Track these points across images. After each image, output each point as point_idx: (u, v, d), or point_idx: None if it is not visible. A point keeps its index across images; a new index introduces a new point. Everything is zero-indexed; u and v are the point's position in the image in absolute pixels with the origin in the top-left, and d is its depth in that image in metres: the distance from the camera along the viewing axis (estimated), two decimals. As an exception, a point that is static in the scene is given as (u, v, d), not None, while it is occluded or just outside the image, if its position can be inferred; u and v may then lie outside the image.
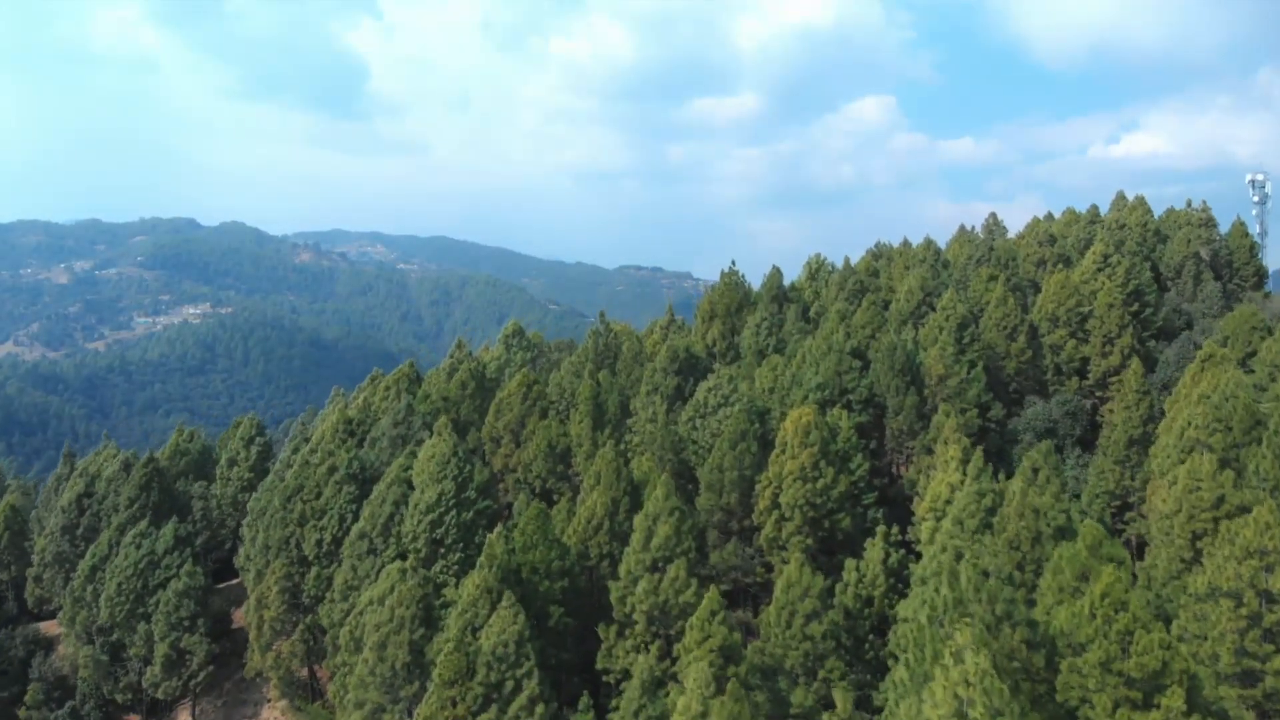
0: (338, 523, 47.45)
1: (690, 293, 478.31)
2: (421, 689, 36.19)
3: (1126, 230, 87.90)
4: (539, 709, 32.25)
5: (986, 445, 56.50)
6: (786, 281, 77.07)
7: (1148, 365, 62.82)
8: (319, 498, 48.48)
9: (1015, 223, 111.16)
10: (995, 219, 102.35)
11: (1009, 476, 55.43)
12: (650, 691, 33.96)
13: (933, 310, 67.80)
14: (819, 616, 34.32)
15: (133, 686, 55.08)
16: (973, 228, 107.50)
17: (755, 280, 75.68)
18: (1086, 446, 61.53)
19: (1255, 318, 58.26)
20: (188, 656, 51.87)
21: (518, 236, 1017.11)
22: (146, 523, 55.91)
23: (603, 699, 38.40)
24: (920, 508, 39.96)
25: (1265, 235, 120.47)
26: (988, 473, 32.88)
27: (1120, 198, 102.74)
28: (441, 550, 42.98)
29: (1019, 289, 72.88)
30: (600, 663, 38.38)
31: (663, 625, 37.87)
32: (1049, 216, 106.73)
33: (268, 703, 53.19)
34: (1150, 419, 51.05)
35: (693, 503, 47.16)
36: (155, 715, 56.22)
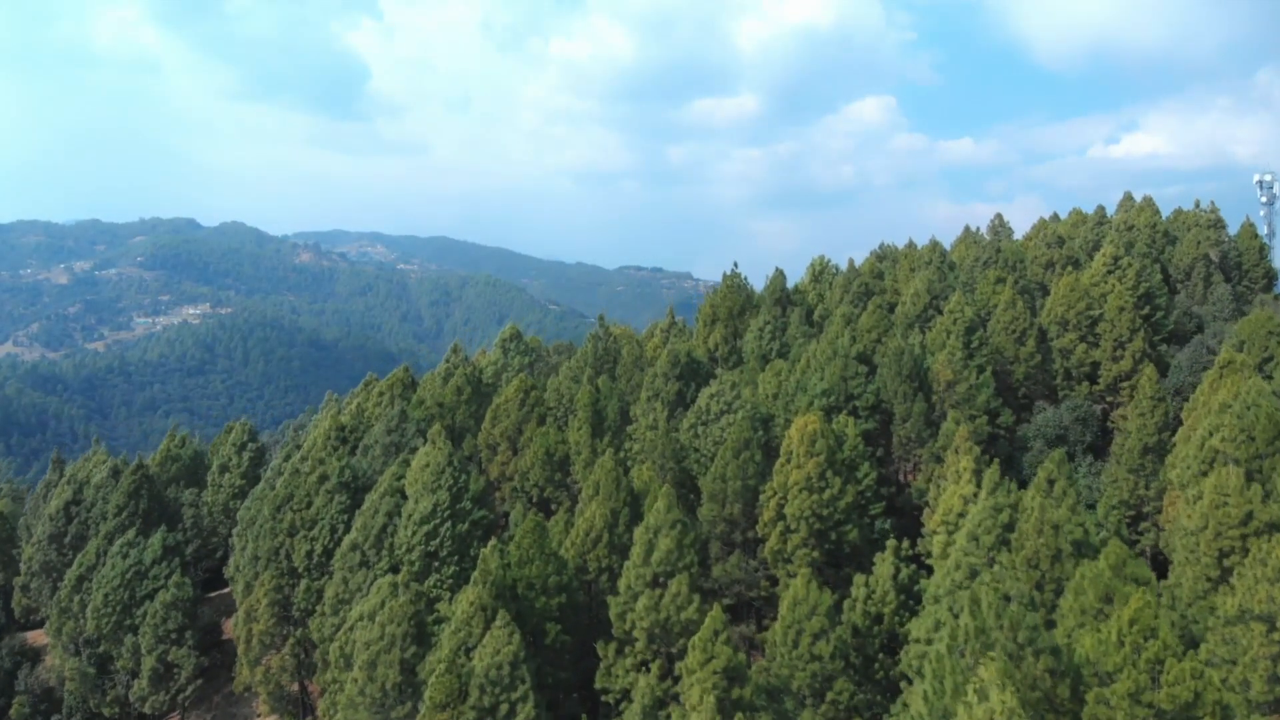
0: (329, 533, 46.02)
1: (690, 293, 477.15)
2: (414, 710, 34.80)
3: (1135, 231, 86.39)
4: (535, 733, 30.91)
5: (995, 452, 55.16)
6: (789, 284, 75.77)
7: (1159, 369, 61.41)
8: (309, 507, 47.04)
9: (1016, 223, 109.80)
10: (1001, 220, 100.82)
11: (1020, 485, 54.22)
12: (651, 713, 32.62)
13: (939, 313, 66.34)
14: (827, 635, 32.92)
15: (120, 700, 53.70)
16: (978, 229, 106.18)
17: (757, 281, 74.43)
18: (1097, 453, 60.17)
19: (1271, 322, 56.75)
20: (175, 670, 50.54)
21: (518, 237, 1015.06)
22: (134, 532, 54.54)
23: (601, 719, 37.06)
24: (932, 520, 38.54)
25: (1273, 236, 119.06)
26: (1004, 487, 31.47)
27: (1127, 198, 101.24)
28: (435, 563, 41.56)
29: (1027, 291, 71.46)
30: (599, 682, 36.96)
31: (664, 643, 36.46)
32: (1055, 217, 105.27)
33: (258, 717, 51.83)
34: (1165, 426, 49.68)
35: (694, 513, 45.73)
36: (143, 729, 54.91)
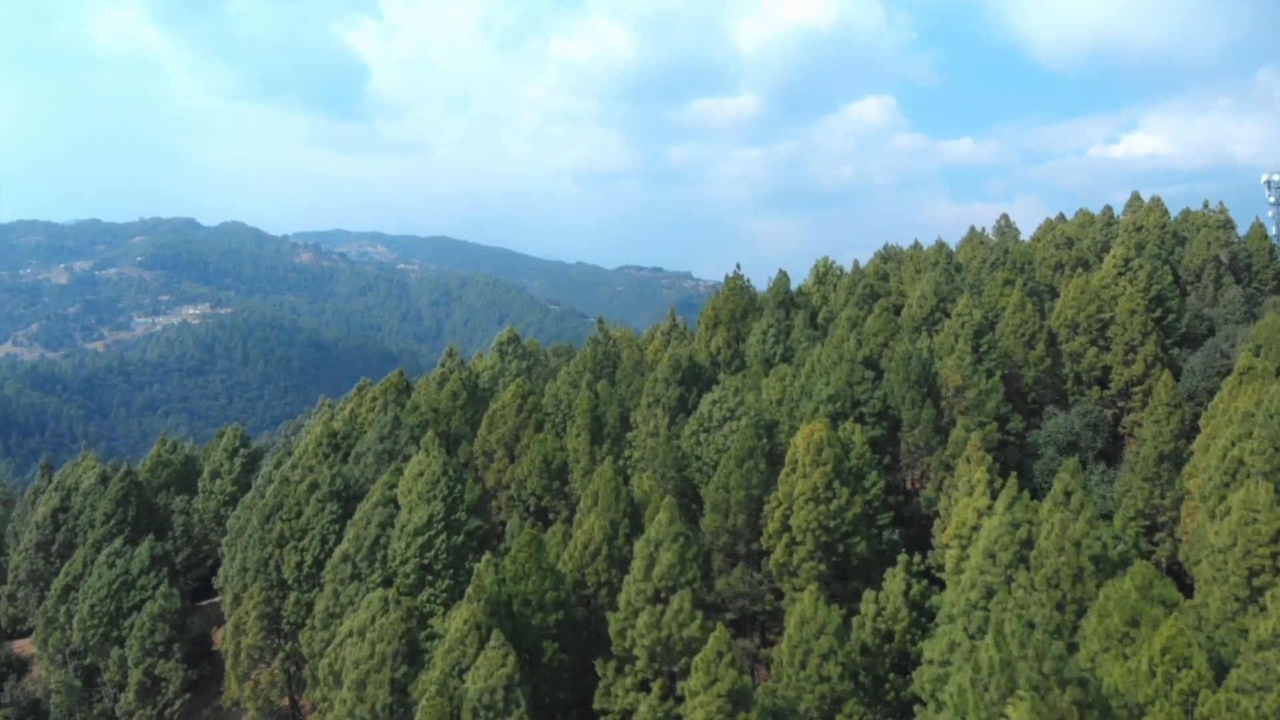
0: (319, 544, 44.62)
1: (690, 293, 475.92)
2: (404, 731, 33.47)
3: (1144, 232, 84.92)
4: (530, 759, 29.53)
5: (1005, 459, 53.71)
6: (792, 285, 74.32)
7: (1172, 374, 60.02)
8: (299, 517, 45.64)
9: (1017, 223, 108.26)
10: (1007, 220, 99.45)
11: (1031, 492, 52.76)
12: (652, 736, 31.27)
13: (946, 316, 64.91)
14: (836, 655, 31.53)
15: (107, 713, 52.25)
16: (983, 229, 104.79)
17: (758, 282, 72.97)
18: (1109, 459, 58.79)
19: (1287, 325, 55.25)
20: (163, 683, 49.15)
21: (518, 237, 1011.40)
22: (122, 540, 53.11)
23: (600, 740, 35.66)
24: (944, 534, 37.13)
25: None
26: (1022, 502, 30.09)
27: (1135, 199, 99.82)
28: (430, 577, 40.16)
29: (1035, 293, 70.03)
30: (598, 702, 35.58)
31: (666, 661, 35.06)
32: (1061, 217, 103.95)
33: (247, 732, 50.41)
34: (1181, 433, 48.28)
35: (696, 524, 44.35)
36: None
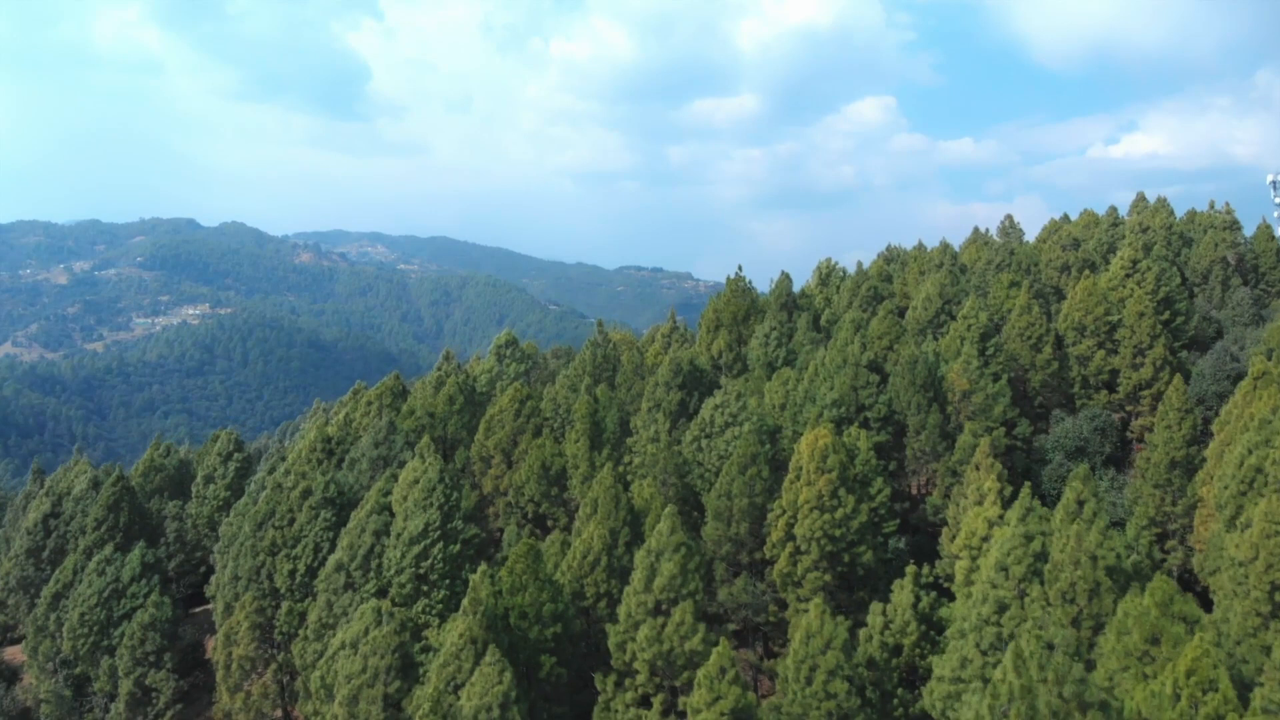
0: (312, 553, 43.61)
1: (690, 293, 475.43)
2: (398, 748, 32.51)
3: (1151, 233, 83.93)
4: (527, 779, 28.56)
5: (1012, 464, 52.74)
6: (794, 286, 73.31)
7: (1183, 378, 59.04)
8: (292, 524, 44.64)
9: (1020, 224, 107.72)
10: (1011, 221, 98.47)
11: (1041, 500, 51.69)
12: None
13: (952, 318, 63.94)
14: (842, 671, 30.53)
15: (97, 723, 51.36)
16: (986, 230, 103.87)
17: (758, 282, 71.98)
18: (1117, 465, 57.84)
19: (1300, 328, 54.36)
20: (154, 694, 48.11)
21: (518, 237, 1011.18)
22: (112, 547, 52.09)
23: (600, 757, 34.67)
24: (954, 544, 36.09)
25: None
26: (1036, 513, 29.10)
27: (1140, 199, 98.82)
28: (425, 587, 39.16)
29: (1041, 295, 69.04)
30: (597, 717, 34.58)
31: (667, 676, 34.10)
32: (1065, 218, 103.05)
33: (240, 744, 49.38)
34: (1193, 439, 47.29)
35: (698, 532, 43.36)
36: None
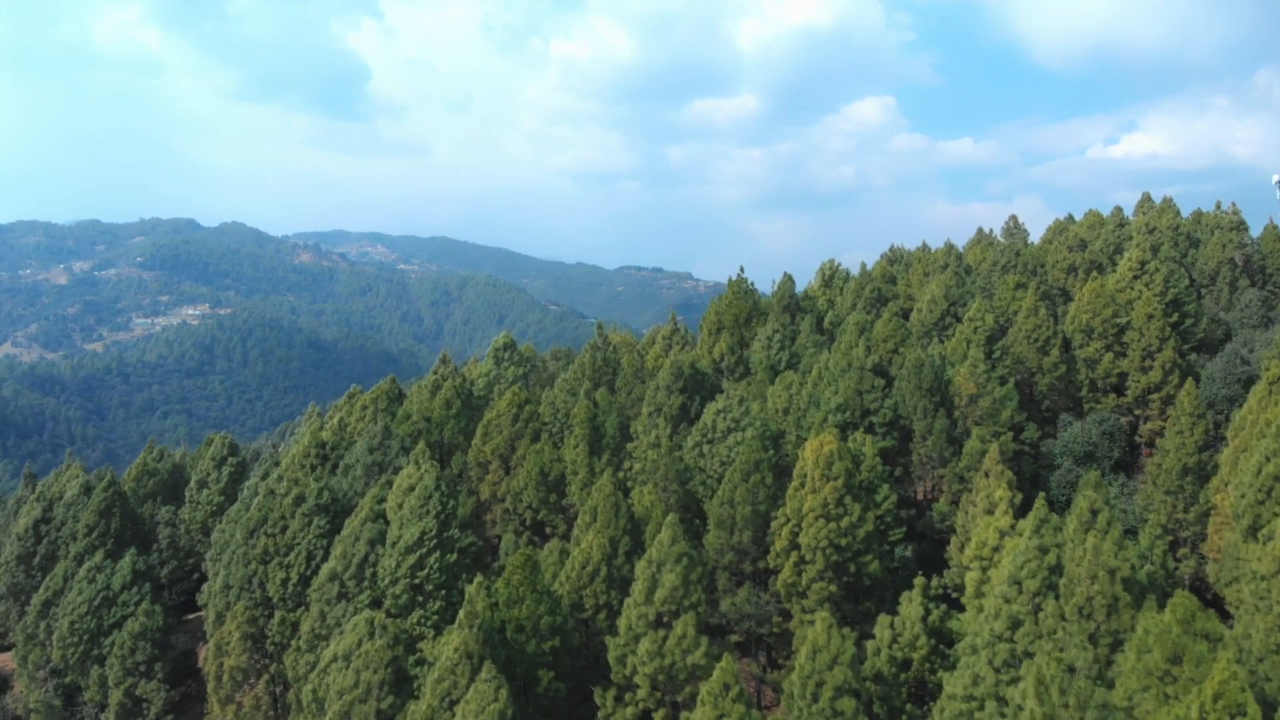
0: (305, 561, 42.63)
1: (690, 293, 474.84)
2: (391, 765, 31.52)
3: (1158, 234, 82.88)
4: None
5: (1020, 469, 51.75)
6: (794, 286, 72.20)
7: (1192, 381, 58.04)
8: (285, 532, 43.68)
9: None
10: (1016, 221, 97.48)
11: (1049, 506, 50.59)
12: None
13: (957, 321, 62.95)
14: (850, 689, 29.54)
15: (88, 733, 50.42)
16: (990, 230, 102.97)
17: (759, 282, 70.98)
18: (1125, 469, 56.84)
19: (1314, 331, 53.28)
20: (144, 704, 47.18)
21: (518, 237, 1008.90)
22: (102, 554, 51.12)
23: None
24: (964, 554, 35.09)
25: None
26: (1050, 524, 28.10)
27: (1146, 200, 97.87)
28: (421, 597, 38.18)
29: (1047, 297, 68.05)
30: (596, 733, 33.67)
31: (669, 690, 33.14)
32: (1070, 218, 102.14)
33: (232, 755, 48.36)
34: (1205, 445, 46.28)
35: (700, 540, 42.37)
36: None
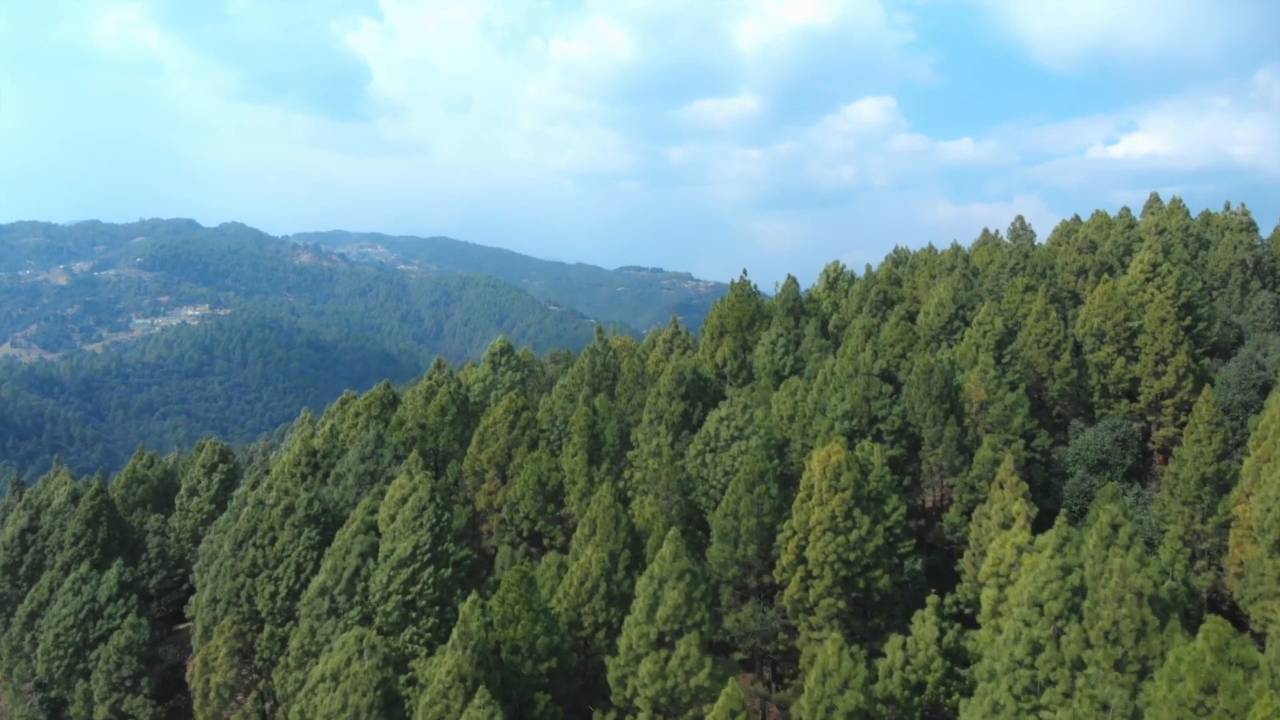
0: (294, 574, 41.23)
1: (690, 294, 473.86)
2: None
3: (1168, 235, 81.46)
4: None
5: (1031, 478, 50.33)
6: (798, 290, 70.73)
7: (1205, 386, 56.62)
8: (274, 544, 42.29)
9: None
10: (1022, 222, 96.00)
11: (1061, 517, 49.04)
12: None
13: (966, 324, 61.52)
14: (862, 713, 28.14)
15: (73, 749, 48.97)
16: (996, 231, 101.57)
17: (759, 282, 69.54)
18: (1136, 476, 55.40)
19: (1332, 335, 51.83)
20: (130, 720, 45.87)
21: (518, 237, 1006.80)
22: (88, 565, 49.69)
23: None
24: (980, 571, 33.67)
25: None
26: (1073, 543, 26.69)
27: (1154, 200, 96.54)
28: (413, 614, 36.77)
29: (1057, 300, 66.62)
30: (595, 758, 32.30)
31: (671, 713, 31.73)
32: (1076, 219, 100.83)
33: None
34: (1224, 453, 44.89)
35: (702, 553, 40.96)
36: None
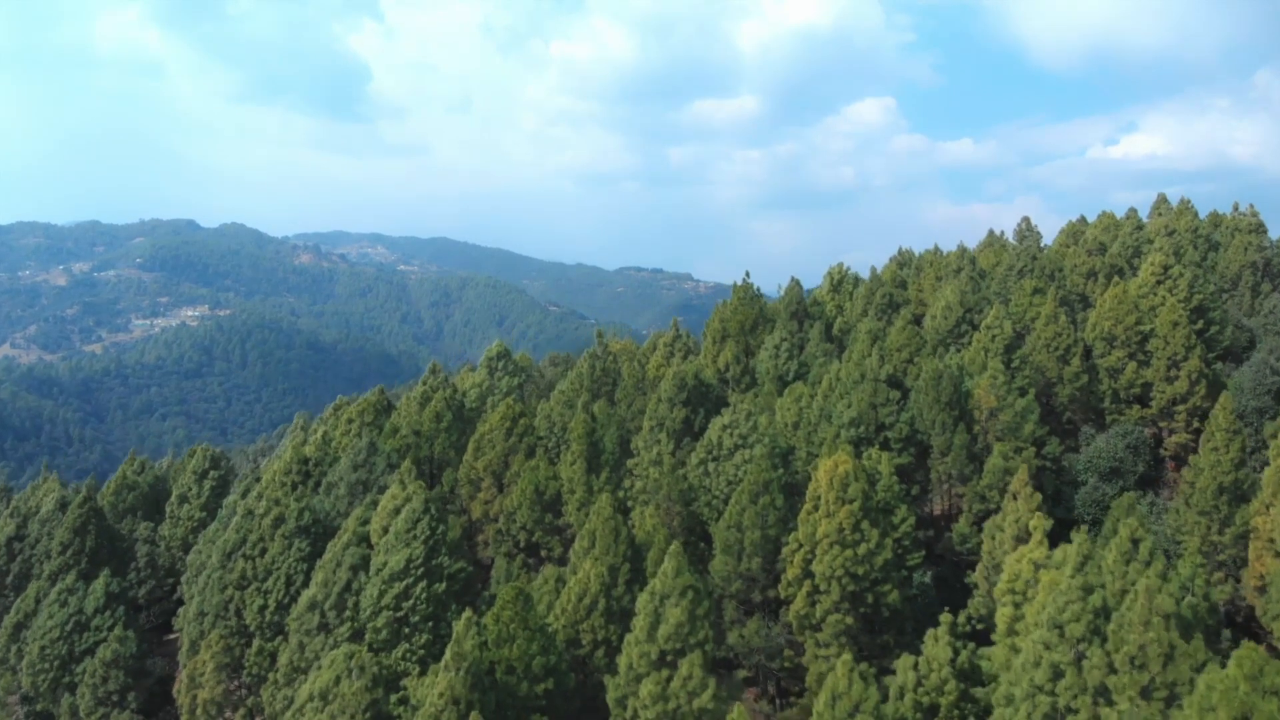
0: (284, 587, 39.99)
1: (691, 294, 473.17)
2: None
3: (1177, 237, 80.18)
4: None
5: (1042, 486, 49.08)
6: (801, 293, 69.47)
7: (1218, 391, 55.34)
8: (264, 555, 41.04)
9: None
10: (1029, 223, 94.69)
11: (1072, 524, 47.80)
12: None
13: (973, 328, 60.24)
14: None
15: (58, 764, 47.71)
16: (1001, 233, 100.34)
17: (760, 283, 68.37)
18: (1150, 484, 54.13)
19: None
20: (117, 735, 44.58)
21: (518, 238, 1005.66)
22: (75, 575, 48.44)
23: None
24: (996, 588, 32.38)
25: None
26: (1096, 563, 25.42)
27: (1161, 201, 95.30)
28: (406, 629, 35.52)
29: (1065, 303, 65.34)
30: (594, 782, 31.04)
31: (672, 736, 30.49)
32: (1082, 220, 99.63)
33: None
34: (1241, 462, 43.62)
35: (705, 566, 39.70)
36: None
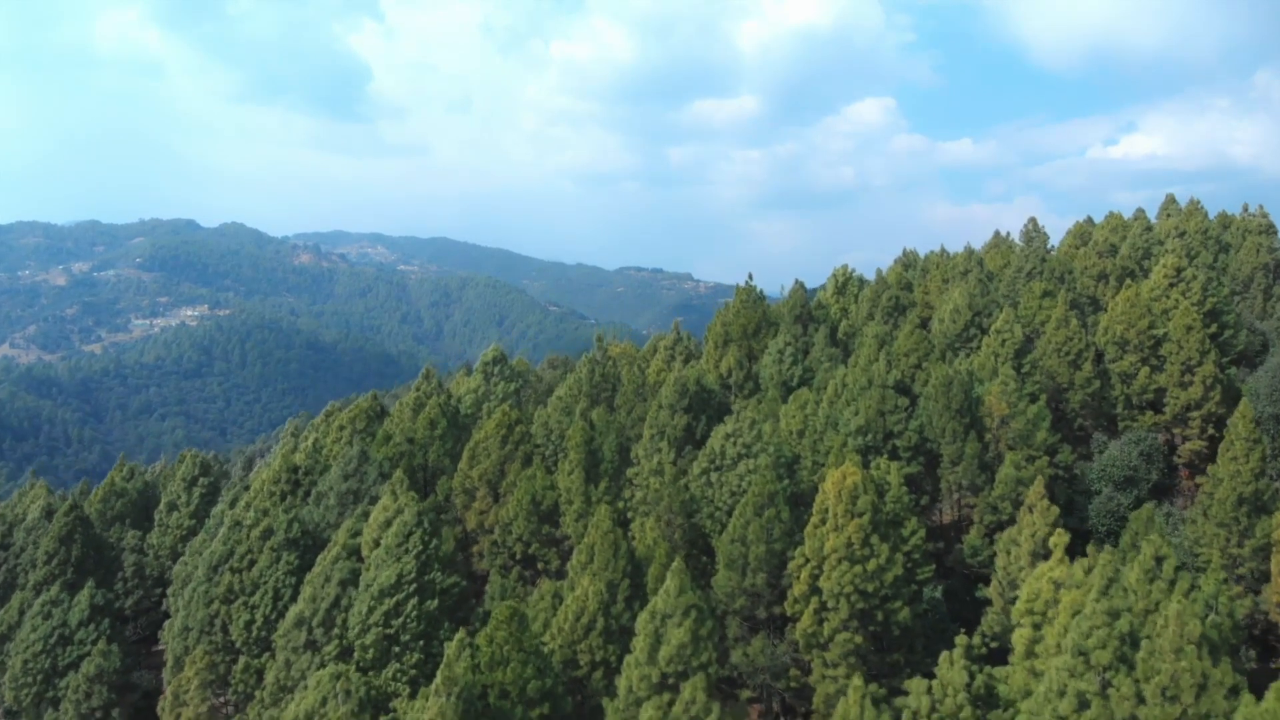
0: (272, 601, 38.65)
1: (691, 294, 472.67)
2: None
3: (1189, 238, 78.77)
4: None
5: (1053, 495, 47.73)
6: (805, 296, 68.12)
7: (1232, 397, 53.96)
8: (251, 568, 39.69)
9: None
10: (1035, 224, 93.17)
11: (1086, 535, 46.33)
12: None
13: (982, 332, 58.82)
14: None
15: (42, 782, 46.41)
16: (1008, 234, 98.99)
17: (761, 283, 67.20)
18: (1163, 492, 52.74)
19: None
20: (100, 753, 43.26)
21: (518, 238, 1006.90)
22: (59, 587, 47.09)
23: None
24: (1015, 608, 30.96)
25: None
26: (1121, 586, 24.03)
27: (1170, 201, 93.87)
28: (396, 648, 34.15)
29: (1076, 306, 63.93)
30: (591, 812, 29.68)
31: (673, 763, 29.11)
32: (1089, 221, 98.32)
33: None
34: (1261, 471, 42.24)
35: (707, 581, 38.30)
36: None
